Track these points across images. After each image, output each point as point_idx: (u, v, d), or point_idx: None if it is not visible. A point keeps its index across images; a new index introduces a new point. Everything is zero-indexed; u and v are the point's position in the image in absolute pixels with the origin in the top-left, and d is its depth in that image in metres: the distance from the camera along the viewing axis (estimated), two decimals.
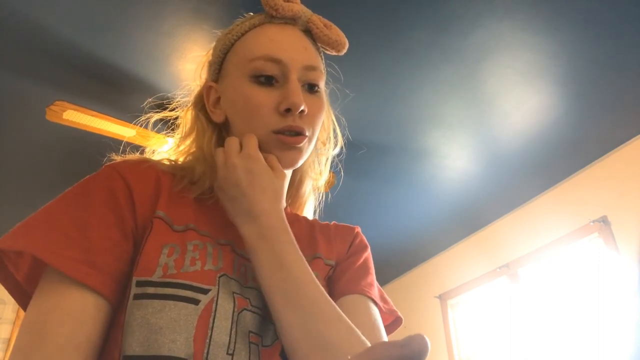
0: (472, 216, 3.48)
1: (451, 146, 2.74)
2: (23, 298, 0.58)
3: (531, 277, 3.18)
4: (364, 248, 0.76)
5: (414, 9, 1.91)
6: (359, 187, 3.04)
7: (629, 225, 2.63)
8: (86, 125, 2.15)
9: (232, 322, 0.56)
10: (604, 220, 2.75)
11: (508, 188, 3.13)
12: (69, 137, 2.47)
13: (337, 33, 0.73)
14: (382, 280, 3.05)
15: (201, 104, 0.75)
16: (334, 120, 0.81)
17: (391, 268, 4.20)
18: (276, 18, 0.71)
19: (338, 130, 0.81)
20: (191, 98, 0.77)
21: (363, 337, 0.55)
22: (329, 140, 0.79)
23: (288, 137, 0.65)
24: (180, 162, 0.72)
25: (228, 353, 0.54)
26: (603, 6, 1.91)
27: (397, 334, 0.67)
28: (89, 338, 0.52)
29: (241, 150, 0.64)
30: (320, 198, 0.82)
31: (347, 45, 0.74)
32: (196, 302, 0.54)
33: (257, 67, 0.67)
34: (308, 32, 0.72)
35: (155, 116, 0.83)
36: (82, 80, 2.18)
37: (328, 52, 0.75)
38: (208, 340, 0.53)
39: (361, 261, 0.73)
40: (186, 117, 0.76)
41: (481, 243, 3.63)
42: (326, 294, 0.57)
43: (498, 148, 2.76)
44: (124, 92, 2.25)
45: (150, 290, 0.54)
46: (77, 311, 0.52)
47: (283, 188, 0.65)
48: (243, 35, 0.71)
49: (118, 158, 0.67)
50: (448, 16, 1.94)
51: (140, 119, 0.85)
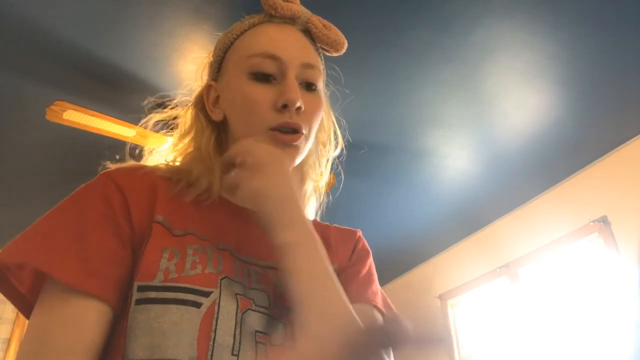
0: (472, 216, 3.48)
1: (451, 146, 2.74)
2: (27, 309, 0.58)
3: (531, 277, 3.18)
4: (367, 254, 0.76)
5: (414, 9, 1.91)
6: (359, 187, 3.03)
7: (629, 225, 2.63)
8: (86, 125, 2.15)
9: (236, 323, 0.56)
10: (604, 220, 2.75)
11: (508, 188, 3.13)
12: (69, 137, 2.47)
13: (336, 33, 0.74)
14: (382, 280, 3.04)
15: (201, 104, 0.75)
16: (334, 121, 0.81)
17: (391, 268, 4.20)
18: (275, 17, 0.71)
19: (338, 131, 0.81)
20: (192, 98, 0.77)
21: None
22: (329, 141, 0.79)
23: (284, 135, 0.65)
24: (177, 164, 0.72)
25: (233, 354, 0.54)
26: (603, 6, 1.91)
27: None
28: (92, 344, 0.53)
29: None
30: (321, 199, 0.82)
31: (346, 45, 0.74)
32: (198, 305, 0.55)
33: (255, 64, 0.67)
34: (307, 33, 0.73)
35: (155, 117, 0.82)
36: (82, 80, 2.18)
37: (327, 53, 0.75)
38: (212, 342, 0.53)
39: (366, 269, 0.73)
40: (186, 116, 0.76)
41: (481, 243, 3.63)
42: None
43: (498, 148, 2.76)
44: (124, 92, 2.25)
45: (151, 294, 0.54)
46: (79, 318, 0.53)
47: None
48: (242, 33, 0.71)
49: (113, 166, 0.66)
50: (448, 16, 1.94)
51: (142, 121, 0.85)
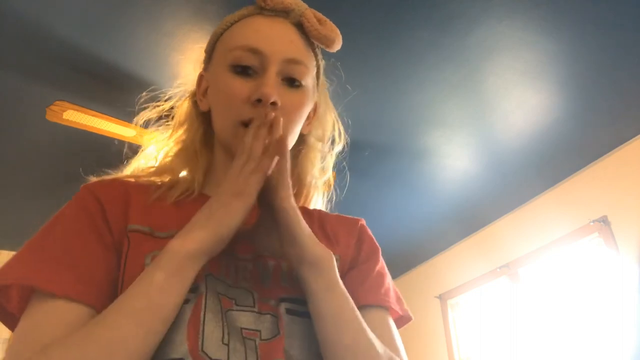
0: (472, 216, 3.48)
1: (451, 146, 2.74)
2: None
3: (531, 277, 3.18)
4: (377, 250, 0.76)
5: (414, 9, 1.91)
6: (359, 187, 3.03)
7: (629, 225, 2.63)
8: (86, 125, 2.15)
9: (223, 318, 0.56)
10: (604, 220, 2.75)
11: (508, 188, 3.13)
12: (69, 137, 2.47)
13: (330, 29, 0.71)
14: None
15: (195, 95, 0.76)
16: (337, 118, 0.80)
17: (391, 268, 4.08)
18: (266, 10, 0.69)
19: (342, 128, 0.81)
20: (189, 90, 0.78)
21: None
22: (330, 137, 0.79)
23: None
24: (159, 166, 0.73)
25: (224, 343, 0.54)
26: (603, 6, 1.91)
27: (400, 332, 0.68)
28: None
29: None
30: (329, 196, 0.82)
31: (338, 42, 0.72)
32: (186, 302, 0.55)
33: (236, 57, 0.66)
34: (300, 27, 0.70)
35: (147, 114, 0.82)
36: (82, 80, 2.18)
37: (326, 49, 0.74)
38: (201, 334, 0.54)
39: (378, 267, 0.73)
40: (182, 106, 0.77)
41: (481, 243, 3.63)
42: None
43: (498, 148, 2.76)
44: (124, 92, 2.24)
45: None
46: (64, 318, 0.53)
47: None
48: (232, 25, 0.71)
49: (93, 179, 0.68)
50: (448, 16, 1.94)
51: (139, 116, 0.84)
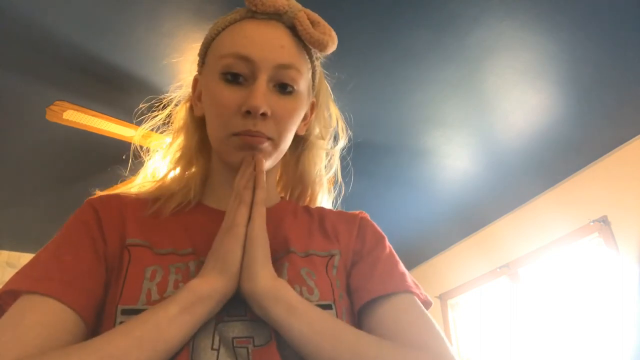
0: (472, 216, 3.48)
1: (451, 146, 2.73)
2: None
3: (531, 277, 3.18)
4: (382, 237, 0.73)
5: (414, 9, 1.91)
6: (359, 187, 3.03)
7: (629, 225, 2.63)
8: (86, 125, 2.15)
9: (215, 330, 0.56)
10: (604, 220, 2.75)
11: (508, 188, 3.13)
12: (69, 137, 2.47)
13: (323, 31, 0.67)
14: None
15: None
16: (339, 115, 0.80)
17: None
18: (258, 13, 0.67)
19: (343, 124, 0.80)
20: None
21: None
22: (332, 135, 0.78)
23: (247, 137, 0.63)
24: (162, 177, 0.74)
25: (213, 348, 0.54)
26: (603, 6, 1.91)
27: None
28: (54, 336, 0.53)
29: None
30: (336, 191, 0.82)
31: (332, 45, 0.68)
32: None
33: (227, 65, 0.65)
34: (294, 28, 0.68)
35: (153, 123, 0.82)
36: (82, 80, 2.18)
37: (319, 53, 0.71)
38: (191, 347, 0.54)
39: (387, 252, 0.70)
40: (180, 112, 0.76)
41: (481, 243, 3.63)
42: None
43: (498, 148, 2.76)
44: (124, 92, 2.24)
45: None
46: (44, 314, 0.54)
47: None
48: (224, 29, 0.69)
49: (98, 193, 0.70)
50: (448, 16, 1.94)
51: (142, 125, 0.84)
